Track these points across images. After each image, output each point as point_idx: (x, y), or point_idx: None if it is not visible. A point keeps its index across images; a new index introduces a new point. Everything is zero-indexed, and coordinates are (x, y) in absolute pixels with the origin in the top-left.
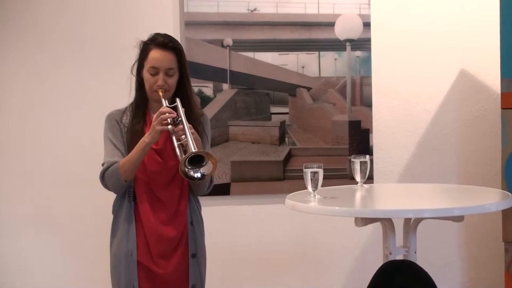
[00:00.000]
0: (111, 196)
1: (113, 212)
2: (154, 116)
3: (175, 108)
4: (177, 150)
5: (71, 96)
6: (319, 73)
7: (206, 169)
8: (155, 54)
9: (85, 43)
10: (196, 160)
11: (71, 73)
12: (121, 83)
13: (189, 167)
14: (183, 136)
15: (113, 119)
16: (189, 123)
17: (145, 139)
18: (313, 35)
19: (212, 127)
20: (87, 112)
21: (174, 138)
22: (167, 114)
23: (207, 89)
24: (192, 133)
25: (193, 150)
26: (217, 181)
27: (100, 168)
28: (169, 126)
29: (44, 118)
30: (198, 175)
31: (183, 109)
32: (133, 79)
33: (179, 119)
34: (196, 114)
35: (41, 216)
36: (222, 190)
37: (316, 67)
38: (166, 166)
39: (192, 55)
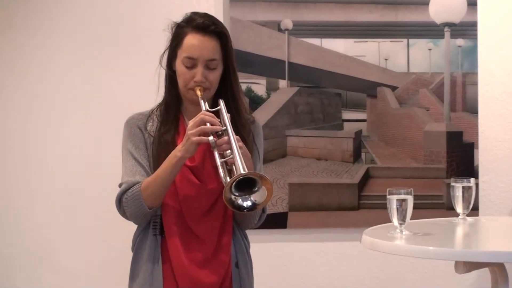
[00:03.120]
0: (131, 228)
1: (132, 248)
2: (190, 122)
3: (217, 113)
4: (220, 169)
5: (78, 96)
6: (408, 68)
7: (258, 196)
8: (192, 40)
9: (98, 26)
10: (246, 184)
11: (79, 64)
12: (146, 78)
13: (236, 194)
14: (228, 151)
15: (135, 126)
16: (236, 134)
17: (177, 153)
18: (400, 17)
19: (265, 138)
20: (99, 116)
21: (216, 153)
22: (207, 120)
23: (259, 87)
24: (239, 147)
25: (242, 172)
26: (270, 210)
27: (117, 190)
28: (210, 137)
29: (42, 124)
30: (248, 204)
31: (228, 114)
32: (162, 72)
33: (223, 127)
34: (244, 120)
35: (38, 251)
36: (276, 221)
37: (403, 59)
38: (205, 190)
39: (240, 41)
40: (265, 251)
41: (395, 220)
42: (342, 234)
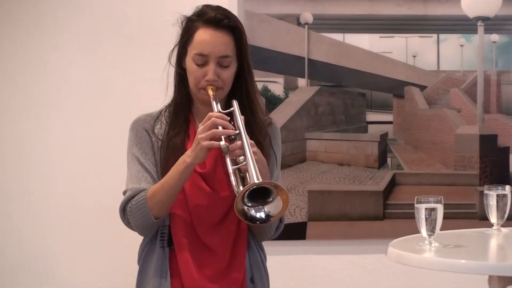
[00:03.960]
0: (137, 239)
1: (138, 261)
2: (200, 125)
3: (230, 115)
4: (232, 177)
5: (82, 97)
6: (438, 66)
7: (272, 207)
8: (203, 36)
9: (103, 21)
10: (259, 194)
11: (82, 62)
12: (153, 77)
13: (249, 204)
14: (242, 158)
15: (142, 129)
16: (251, 137)
17: (186, 158)
18: (429, 10)
19: (283, 141)
20: (104, 118)
21: (228, 159)
22: (219, 123)
23: (276, 86)
24: (254, 152)
25: (255, 180)
26: (288, 219)
27: (121, 198)
28: (222, 142)
29: (43, 125)
30: (262, 215)
31: (242, 116)
32: (172, 71)
33: (236, 131)
34: (260, 122)
35: (37, 263)
36: (295, 232)
37: (433, 56)
38: (217, 198)
39: (255, 36)
40: (283, 264)
41: (423, 231)
42: (366, 246)
